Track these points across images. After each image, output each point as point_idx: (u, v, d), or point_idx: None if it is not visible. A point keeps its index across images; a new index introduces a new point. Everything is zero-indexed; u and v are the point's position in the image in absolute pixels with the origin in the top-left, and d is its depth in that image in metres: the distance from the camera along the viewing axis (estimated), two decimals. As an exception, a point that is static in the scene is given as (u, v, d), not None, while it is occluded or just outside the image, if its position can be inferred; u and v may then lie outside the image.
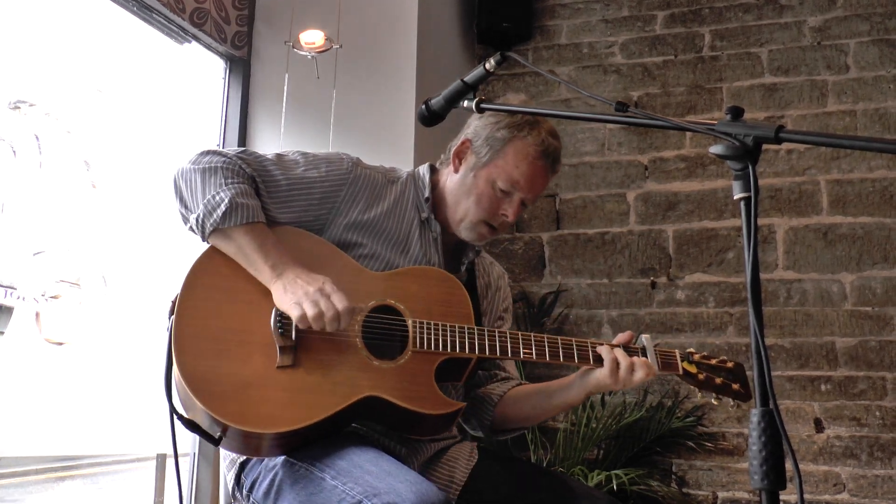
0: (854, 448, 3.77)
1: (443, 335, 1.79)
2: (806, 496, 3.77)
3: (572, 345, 1.87)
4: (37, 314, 3.01)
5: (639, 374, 1.83)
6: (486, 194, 1.93)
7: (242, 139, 3.96)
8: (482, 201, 1.94)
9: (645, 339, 1.91)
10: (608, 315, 4.19)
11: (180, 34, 3.69)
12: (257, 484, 1.80)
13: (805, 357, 3.89)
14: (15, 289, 2.94)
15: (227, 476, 1.92)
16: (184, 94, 3.86)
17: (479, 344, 1.81)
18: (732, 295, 4.05)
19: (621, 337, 1.90)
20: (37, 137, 3.06)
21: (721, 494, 3.90)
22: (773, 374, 1.18)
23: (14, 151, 2.99)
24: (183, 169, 1.77)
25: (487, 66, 1.63)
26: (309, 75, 3.71)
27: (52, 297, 3.03)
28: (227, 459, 1.91)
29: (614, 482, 3.36)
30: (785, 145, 4.06)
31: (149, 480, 3.49)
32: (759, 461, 1.19)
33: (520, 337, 1.85)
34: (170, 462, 3.42)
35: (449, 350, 1.78)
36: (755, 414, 1.20)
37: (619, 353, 1.84)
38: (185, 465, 3.58)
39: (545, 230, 4.40)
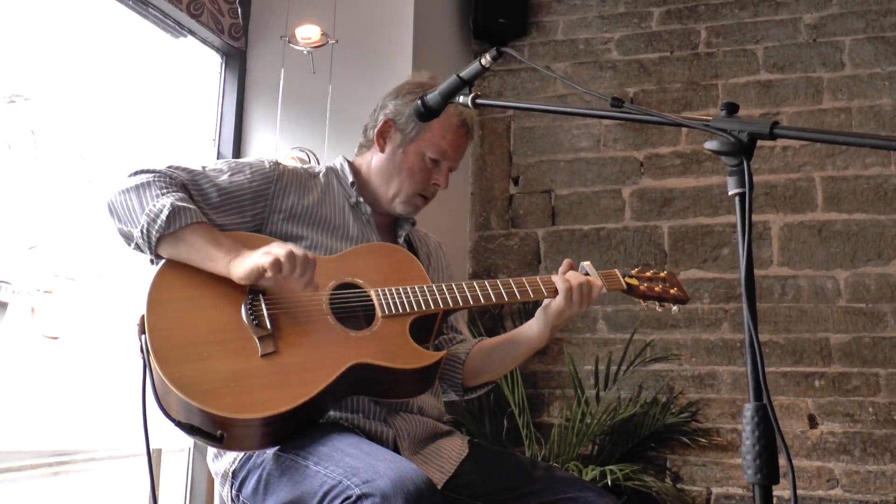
0: (847, 444, 3.78)
1: (406, 296, 1.87)
2: (799, 491, 3.79)
3: (524, 283, 1.98)
4: (32, 309, 3.00)
5: (593, 292, 1.95)
6: (417, 167, 2.07)
7: (238, 134, 3.96)
8: (415, 174, 2.07)
9: (586, 265, 2.03)
10: (603, 311, 4.20)
11: (176, 28, 3.68)
12: (246, 482, 1.81)
13: (799, 353, 3.91)
14: (10, 283, 2.93)
15: (222, 493, 1.92)
16: (179, 88, 3.85)
17: (441, 298, 1.90)
18: (727, 291, 4.06)
19: (565, 264, 2.00)
20: (32, 132, 3.05)
21: (715, 490, 3.92)
22: (768, 370, 1.18)
23: (9, 146, 2.98)
24: (115, 192, 1.81)
25: (483, 61, 1.63)
26: (305, 70, 3.70)
27: (46, 292, 3.02)
28: (219, 476, 1.92)
29: (609, 478, 3.37)
30: (780, 142, 4.07)
31: (144, 475, 3.49)
32: (752, 455, 1.20)
33: (476, 285, 1.94)
34: (165, 456, 3.43)
35: (416, 308, 1.86)
36: (749, 409, 1.21)
37: (571, 275, 1.95)
38: (181, 460, 3.58)
39: (540, 226, 4.41)
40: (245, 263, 1.70)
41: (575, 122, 4.42)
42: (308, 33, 3.60)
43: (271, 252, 1.69)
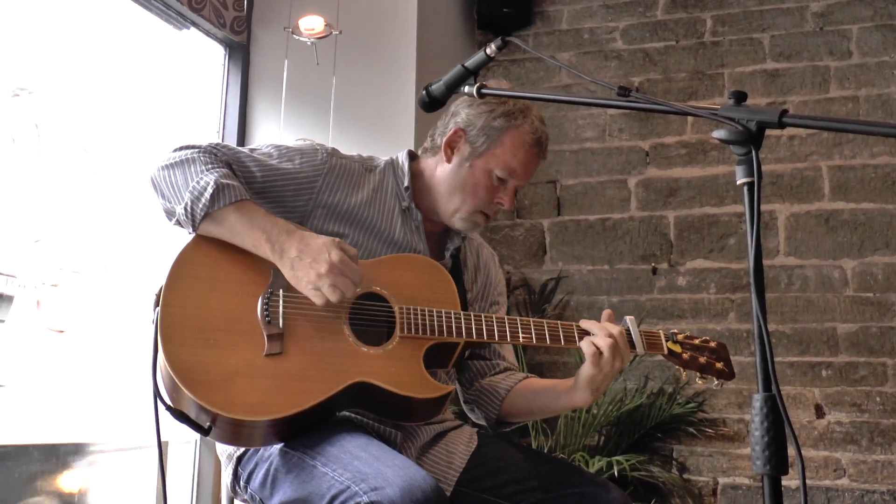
0: (854, 434, 3.77)
1: (430, 320, 1.79)
2: (806, 482, 3.78)
3: (558, 327, 1.88)
4: (37, 302, 3.01)
5: (624, 357, 1.84)
6: (482, 184, 1.94)
7: (242, 126, 3.95)
8: (478, 191, 1.94)
9: (629, 320, 1.91)
10: (609, 301, 4.19)
11: (179, 20, 3.67)
12: (254, 475, 1.80)
13: (806, 343, 3.90)
14: (15, 277, 2.93)
15: (224, 472, 1.92)
16: (183, 80, 3.84)
17: (465, 328, 1.82)
18: (734, 281, 4.05)
19: (603, 318, 1.89)
20: (36, 126, 3.05)
21: (722, 480, 3.91)
22: (775, 360, 1.17)
23: (13, 139, 2.98)
24: (159, 167, 1.77)
25: (488, 51, 1.62)
26: (308, 61, 3.69)
27: (52, 285, 3.03)
28: (224, 455, 1.91)
29: (615, 468, 3.37)
30: (787, 131, 4.05)
31: (152, 467, 3.50)
32: (761, 446, 1.19)
33: (506, 321, 1.86)
34: (172, 449, 3.44)
35: (436, 334, 1.79)
36: (757, 399, 1.20)
37: (600, 339, 1.83)
38: (188, 451, 3.59)
39: (546, 216, 4.39)
40: (293, 280, 1.67)
41: (580, 112, 4.40)
42: (311, 24, 3.59)
43: (322, 291, 1.64)
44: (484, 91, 1.66)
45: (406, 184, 1.98)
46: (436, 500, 1.51)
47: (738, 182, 1.25)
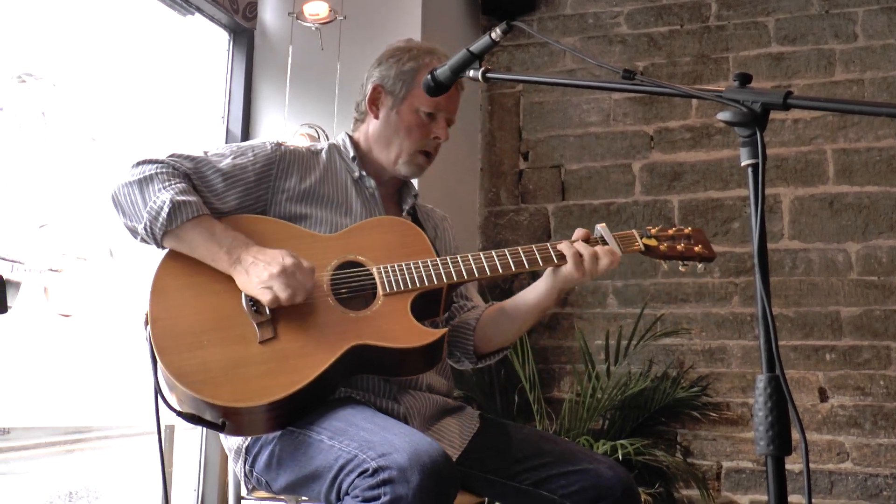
0: (858, 417, 3.79)
1: (409, 272, 1.84)
2: (810, 465, 3.80)
3: (533, 250, 1.92)
4: (45, 288, 3.02)
5: (603, 262, 1.90)
6: (414, 123, 2.04)
7: (247, 111, 3.95)
8: (413, 131, 2.04)
9: (601, 227, 1.96)
10: (613, 285, 4.20)
11: (183, 6, 3.67)
12: (259, 457, 1.83)
13: (810, 326, 3.90)
14: (22, 263, 2.95)
15: (235, 468, 1.95)
16: (188, 66, 3.84)
17: (444, 272, 1.86)
18: (738, 265, 4.05)
19: (579, 232, 1.95)
20: (42, 112, 3.05)
21: (725, 464, 3.93)
22: (779, 343, 1.18)
23: (19, 125, 2.99)
24: (120, 184, 1.80)
25: (493, 35, 1.62)
26: (313, 47, 3.69)
27: (57, 271, 3.04)
28: (232, 452, 1.93)
29: (619, 452, 3.39)
30: (791, 114, 4.04)
31: (157, 453, 3.52)
32: (764, 427, 1.20)
33: (482, 256, 1.91)
34: (178, 433, 3.46)
35: (418, 285, 1.83)
36: (761, 380, 1.21)
37: (580, 245, 1.90)
38: (195, 436, 3.61)
39: (550, 201, 4.40)
40: (244, 283, 1.73)
41: (584, 97, 4.40)
42: (316, 9, 3.58)
43: (271, 286, 1.69)
44: (489, 75, 1.66)
45: (352, 154, 2.08)
46: (443, 465, 1.54)
47: (742, 164, 1.25)
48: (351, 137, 2.15)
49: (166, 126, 3.60)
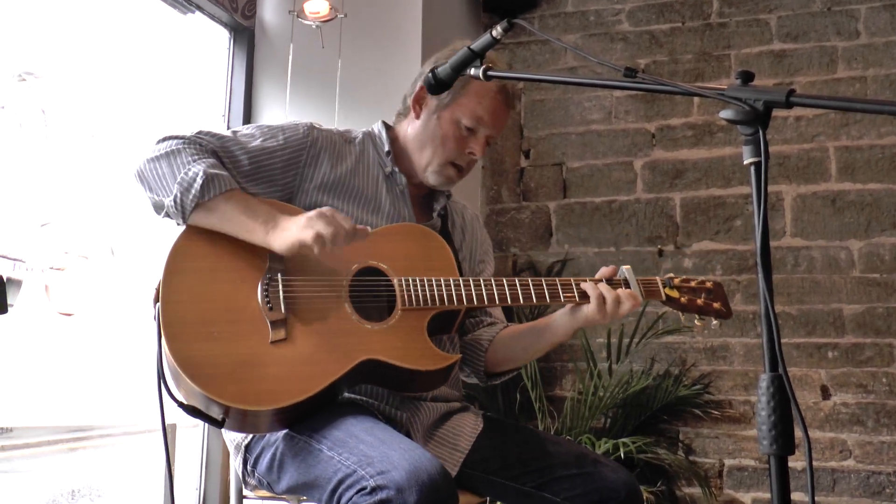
0: (860, 415, 3.78)
1: (430, 290, 1.80)
2: (813, 463, 3.79)
3: (556, 284, 1.89)
4: (46, 286, 3.02)
5: (625, 306, 1.85)
6: (451, 134, 1.96)
7: (248, 110, 3.95)
8: (448, 142, 1.97)
9: (626, 270, 1.93)
10: (615, 284, 4.19)
11: (184, 4, 3.66)
12: (260, 459, 1.82)
13: (812, 324, 3.89)
14: (23, 261, 2.95)
15: (234, 463, 1.93)
16: (188, 64, 3.84)
17: (465, 294, 1.83)
18: (740, 263, 4.04)
19: (603, 271, 1.91)
20: (43, 110, 3.05)
21: (728, 462, 3.92)
22: (781, 341, 1.18)
23: (20, 124, 2.99)
24: (145, 160, 1.76)
25: (494, 33, 1.61)
26: (314, 45, 3.68)
27: (59, 269, 3.04)
28: (233, 445, 1.92)
29: (622, 450, 3.38)
30: (793, 112, 4.03)
31: (159, 451, 3.52)
32: (767, 426, 1.19)
33: (505, 282, 1.87)
34: (180, 432, 3.46)
35: (437, 304, 1.80)
36: (764, 379, 1.20)
37: (604, 287, 1.86)
38: (196, 434, 3.61)
39: (552, 199, 4.39)
40: (285, 237, 1.66)
41: (586, 95, 4.39)
42: (316, 7, 3.57)
43: (312, 226, 1.64)
44: (490, 74, 1.65)
45: (387, 148, 2.01)
46: (442, 483, 1.52)
47: (745, 162, 1.25)
48: (388, 129, 2.08)
49: (167, 124, 3.60)
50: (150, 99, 3.54)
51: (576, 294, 1.88)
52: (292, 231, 1.66)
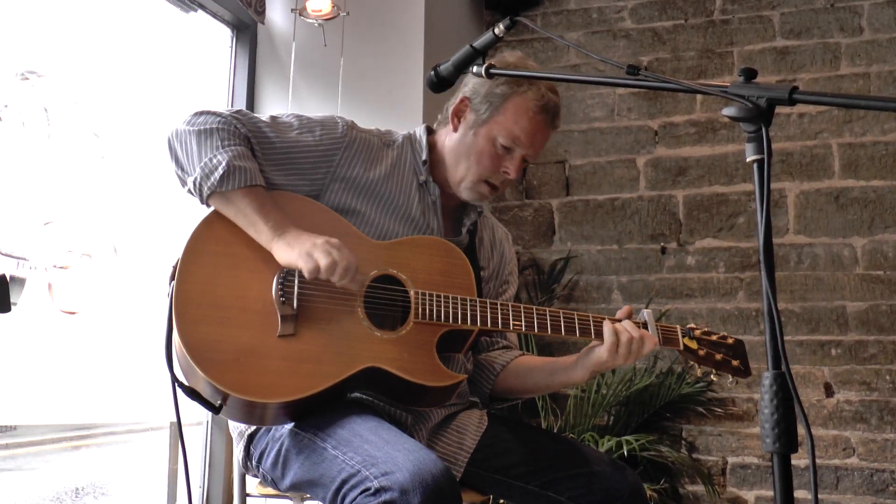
0: (864, 412, 3.78)
1: (445, 306, 1.78)
2: (816, 460, 3.79)
3: (573, 318, 1.86)
4: (49, 284, 3.02)
5: (644, 349, 1.82)
6: (486, 152, 1.91)
7: (250, 108, 3.94)
8: (483, 159, 1.91)
9: (647, 313, 1.90)
10: (618, 281, 4.19)
11: (186, 2, 3.66)
12: (265, 455, 1.82)
13: (815, 322, 3.89)
14: (27, 260, 2.95)
15: (236, 449, 1.93)
16: (191, 62, 3.84)
17: (480, 316, 1.81)
18: (743, 260, 4.04)
19: (623, 312, 1.88)
20: (45, 109, 3.05)
21: (731, 459, 3.92)
22: (784, 338, 1.18)
23: (23, 123, 2.99)
24: (178, 130, 1.75)
25: (496, 30, 1.61)
26: (316, 43, 3.68)
27: (62, 268, 3.04)
28: (236, 432, 1.92)
29: (625, 448, 3.38)
30: (797, 109, 4.02)
31: (163, 448, 3.53)
32: (770, 424, 1.19)
33: (521, 310, 1.84)
34: (183, 430, 3.46)
35: (451, 321, 1.78)
36: (767, 377, 1.20)
37: (622, 328, 1.82)
38: (199, 433, 3.61)
39: (555, 196, 4.39)
40: (287, 252, 1.66)
41: (588, 92, 4.39)
42: (319, 6, 3.57)
43: (313, 254, 1.64)
44: (492, 71, 1.65)
45: (424, 157, 1.96)
46: (446, 484, 1.51)
47: (748, 159, 1.25)
48: (430, 133, 2.04)
49: (170, 122, 3.60)
50: (152, 97, 3.54)
51: (592, 330, 1.85)
52: (294, 250, 1.66)
